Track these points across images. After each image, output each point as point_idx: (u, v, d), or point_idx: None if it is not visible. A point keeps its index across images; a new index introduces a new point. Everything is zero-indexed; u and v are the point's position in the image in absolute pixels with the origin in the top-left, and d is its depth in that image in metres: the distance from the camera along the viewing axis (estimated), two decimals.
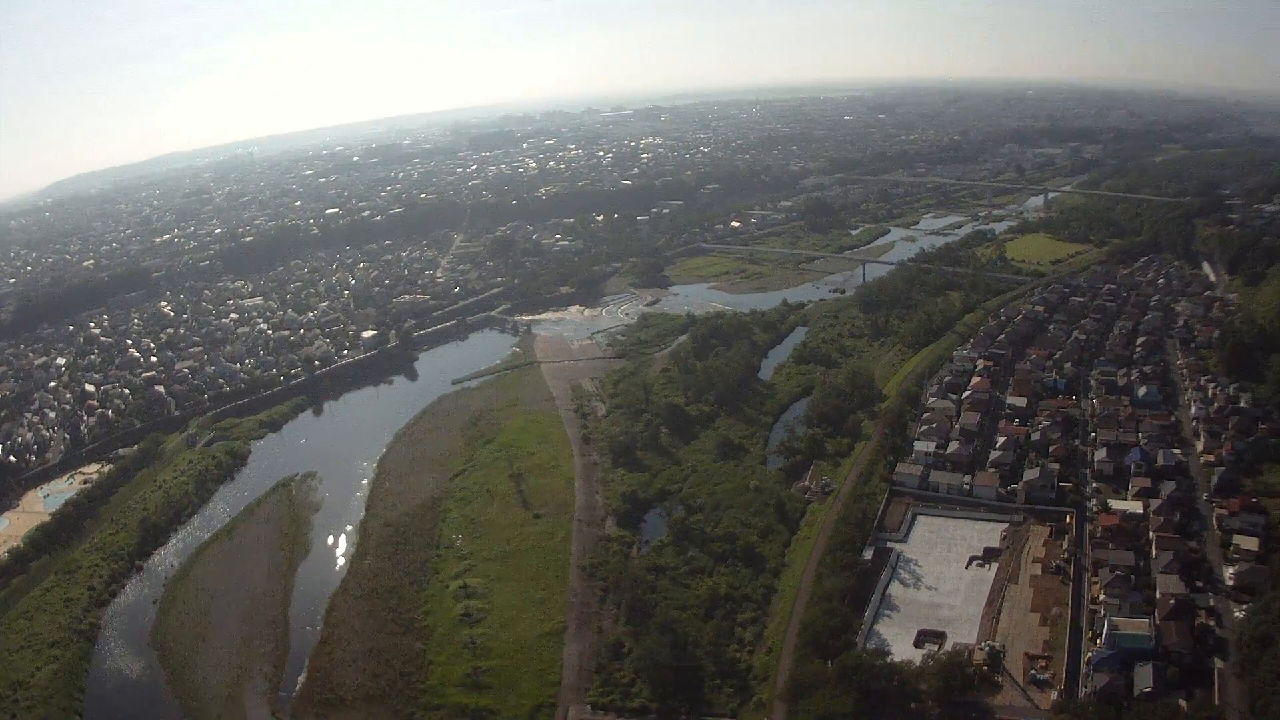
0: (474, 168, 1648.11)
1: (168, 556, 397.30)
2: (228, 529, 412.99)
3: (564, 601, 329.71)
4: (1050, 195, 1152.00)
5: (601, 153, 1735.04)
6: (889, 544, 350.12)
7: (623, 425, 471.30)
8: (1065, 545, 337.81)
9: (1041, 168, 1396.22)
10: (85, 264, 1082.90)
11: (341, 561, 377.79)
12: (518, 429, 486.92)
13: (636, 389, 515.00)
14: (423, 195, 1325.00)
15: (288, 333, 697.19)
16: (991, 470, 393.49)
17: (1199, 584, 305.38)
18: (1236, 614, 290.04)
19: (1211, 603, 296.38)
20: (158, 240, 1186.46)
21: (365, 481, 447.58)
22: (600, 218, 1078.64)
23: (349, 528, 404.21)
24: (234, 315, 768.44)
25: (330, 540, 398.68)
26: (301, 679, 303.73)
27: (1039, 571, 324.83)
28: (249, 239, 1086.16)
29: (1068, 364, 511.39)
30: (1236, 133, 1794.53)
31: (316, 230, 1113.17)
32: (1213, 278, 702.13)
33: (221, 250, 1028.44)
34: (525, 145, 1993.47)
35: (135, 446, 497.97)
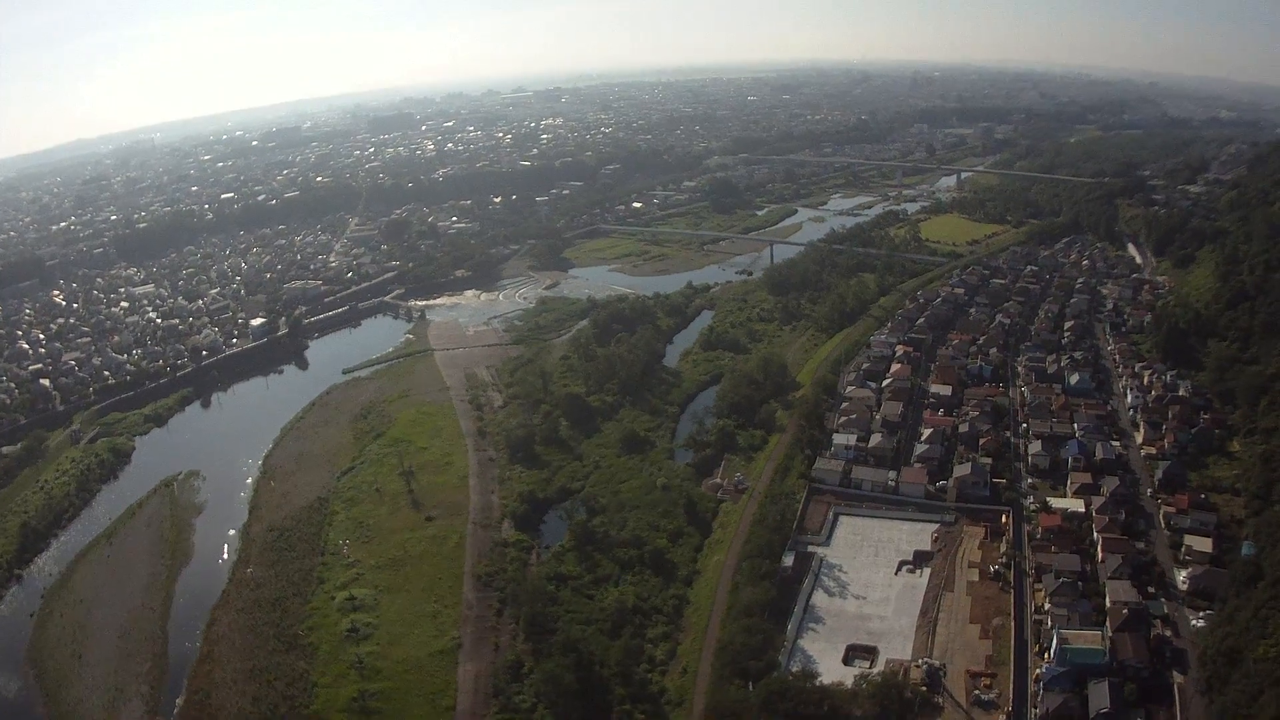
0: (371, 150, 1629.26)
1: (47, 564, 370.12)
2: (108, 533, 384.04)
3: (458, 615, 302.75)
4: (963, 175, 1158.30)
5: (501, 134, 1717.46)
6: (810, 548, 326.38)
7: (520, 417, 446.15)
8: (1003, 548, 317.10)
9: (953, 148, 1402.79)
10: None
11: (224, 569, 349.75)
12: (409, 422, 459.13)
13: (535, 378, 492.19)
14: (319, 179, 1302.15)
15: (176, 321, 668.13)
16: (918, 465, 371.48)
17: (1151, 590, 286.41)
18: (1194, 622, 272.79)
19: (1166, 610, 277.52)
20: (54, 228, 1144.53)
21: (250, 481, 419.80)
22: (498, 199, 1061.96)
23: (231, 532, 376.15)
24: (124, 304, 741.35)
25: (212, 545, 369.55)
26: (180, 701, 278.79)
27: (976, 577, 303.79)
28: (143, 225, 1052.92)
29: (993, 349, 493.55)
30: (1152, 114, 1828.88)
31: (211, 215, 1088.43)
32: (1139, 259, 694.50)
33: (116, 237, 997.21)
34: (424, 128, 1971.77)
35: (19, 444, 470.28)
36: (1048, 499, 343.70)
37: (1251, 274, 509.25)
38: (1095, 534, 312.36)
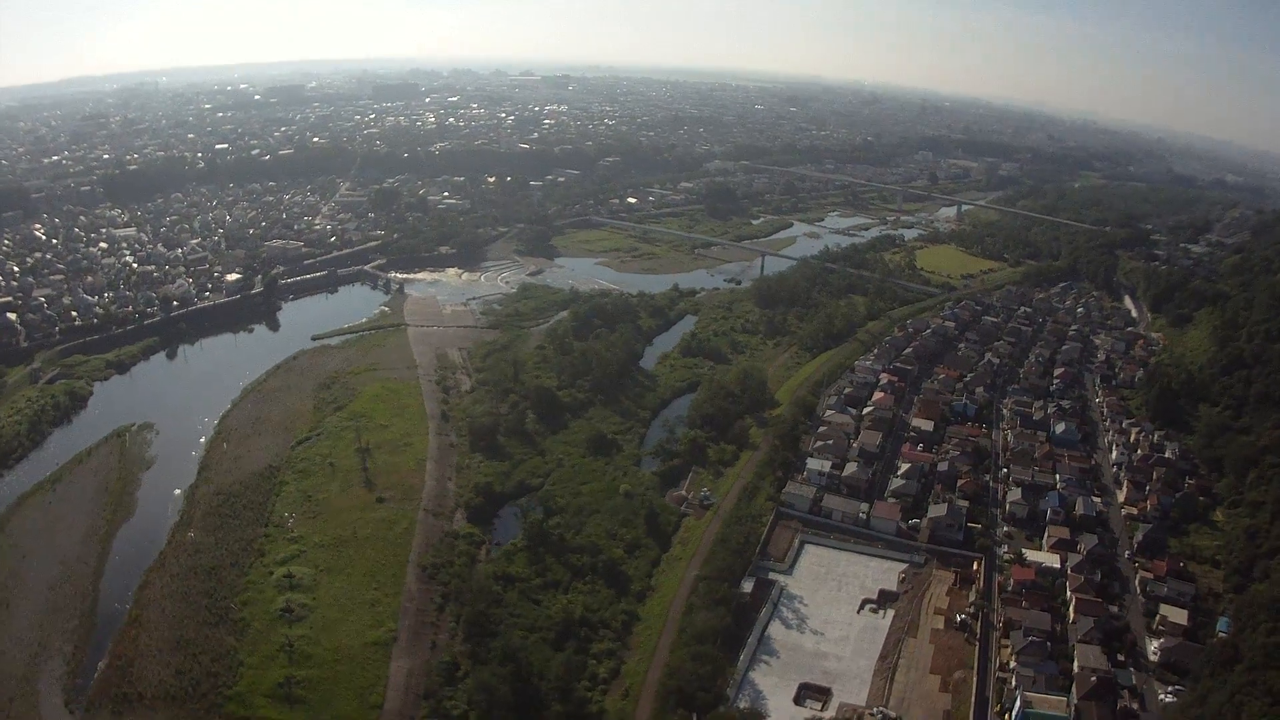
0: (372, 117, 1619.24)
1: None
2: (53, 479, 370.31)
3: (397, 606, 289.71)
4: (964, 207, 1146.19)
5: (504, 114, 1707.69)
6: (772, 575, 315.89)
7: (487, 404, 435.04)
8: (972, 596, 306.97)
9: (955, 179, 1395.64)
10: None
11: (165, 530, 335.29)
12: (373, 396, 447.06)
13: (506, 365, 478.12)
14: (315, 139, 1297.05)
15: (153, 268, 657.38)
16: (892, 500, 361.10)
17: (1121, 657, 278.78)
18: (1162, 697, 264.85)
19: (1135, 681, 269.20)
20: (46, 161, 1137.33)
21: (203, 440, 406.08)
22: (492, 179, 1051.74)
23: (177, 491, 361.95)
24: (103, 244, 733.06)
25: (157, 503, 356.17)
26: (102, 665, 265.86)
27: (941, 625, 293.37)
28: (134, 168, 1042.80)
29: (979, 388, 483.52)
30: (1157, 169, 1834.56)
31: (203, 165, 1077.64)
32: (1134, 313, 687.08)
33: (105, 176, 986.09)
34: (428, 100, 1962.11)
35: None
36: (1023, 550, 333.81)
37: (1250, 342, 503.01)
38: (1069, 593, 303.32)
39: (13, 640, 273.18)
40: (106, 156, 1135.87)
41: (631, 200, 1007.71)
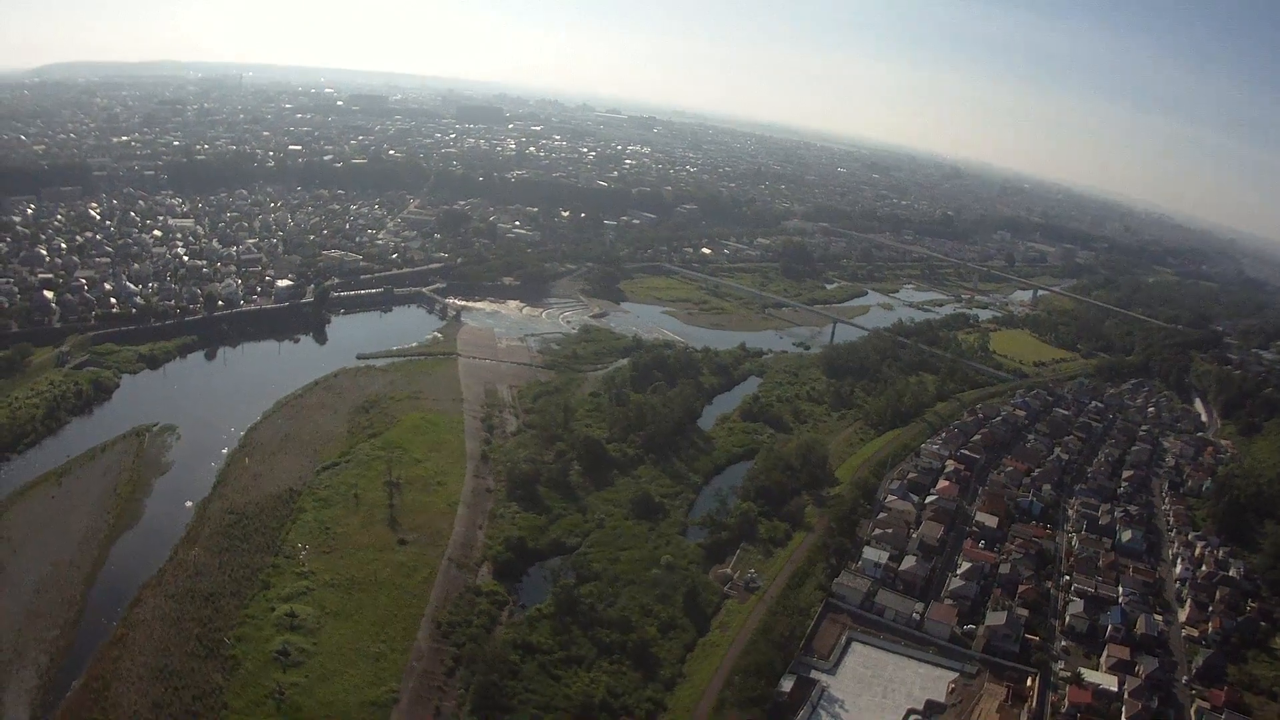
0: (453, 136, 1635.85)
1: None
2: (60, 471, 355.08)
3: (404, 664, 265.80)
4: (1039, 292, 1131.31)
5: (585, 149, 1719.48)
6: (814, 673, 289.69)
7: (531, 450, 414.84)
8: (1023, 717, 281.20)
9: (1032, 262, 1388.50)
10: (36, 148, 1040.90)
11: (168, 544, 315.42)
12: (411, 427, 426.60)
13: (557, 410, 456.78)
14: (391, 151, 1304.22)
15: (203, 264, 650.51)
16: (949, 602, 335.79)
17: None
18: None
19: None
20: (115, 140, 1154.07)
21: (225, 451, 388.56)
22: (566, 214, 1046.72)
23: (189, 503, 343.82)
24: (157, 232, 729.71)
25: (165, 513, 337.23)
26: (77, 684, 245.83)
27: None
28: (202, 158, 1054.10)
29: (1047, 485, 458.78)
30: (1229, 269, 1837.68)
31: (273, 164, 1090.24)
32: (1204, 417, 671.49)
33: (171, 163, 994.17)
34: (511, 126, 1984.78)
35: (0, 353, 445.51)
36: (1080, 669, 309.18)
37: None
38: None
39: None
40: (176, 143, 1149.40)
41: (706, 251, 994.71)
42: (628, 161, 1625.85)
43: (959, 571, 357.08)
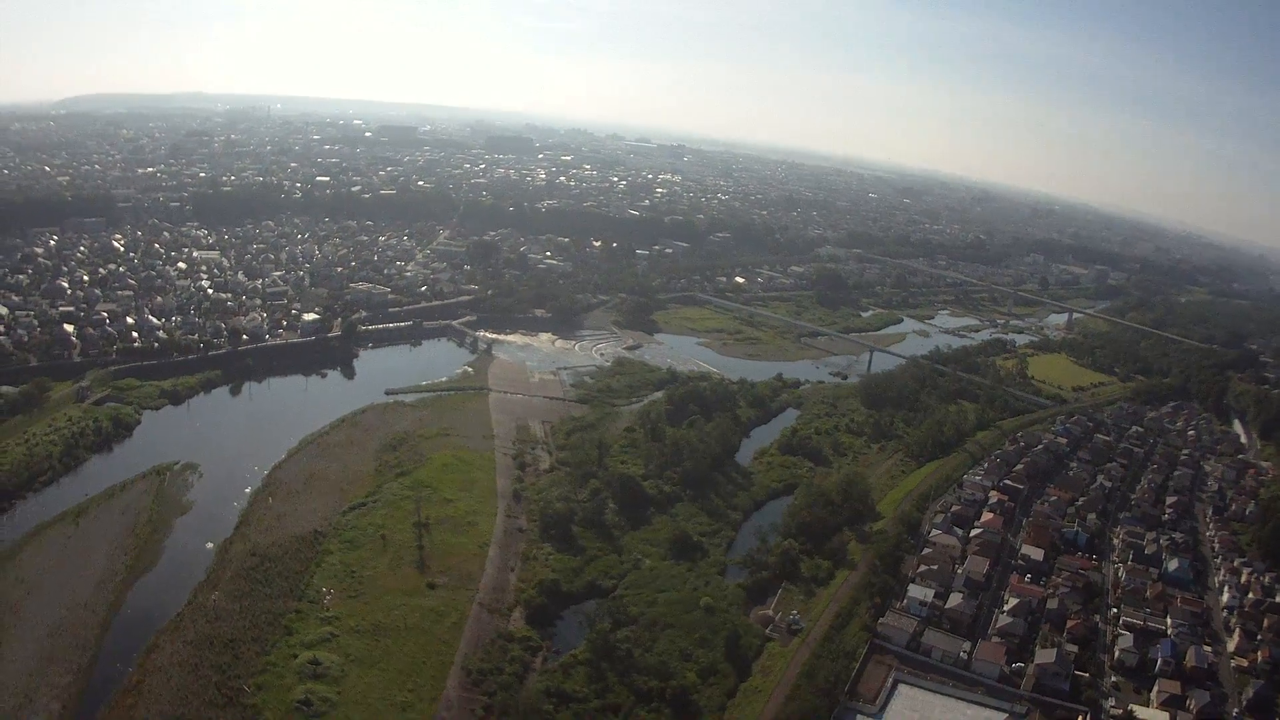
0: (482, 167, 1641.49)
1: (2, 528, 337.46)
2: (77, 511, 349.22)
3: (432, 714, 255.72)
4: (1074, 315, 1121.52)
5: (616, 178, 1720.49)
6: (860, 718, 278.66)
7: (565, 488, 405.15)
8: None
9: (1066, 285, 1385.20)
10: (60, 179, 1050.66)
11: (187, 587, 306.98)
12: (441, 465, 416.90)
13: (591, 446, 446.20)
14: (420, 182, 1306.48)
15: (228, 296, 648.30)
16: (997, 640, 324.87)
17: None
18: None
19: None
20: (140, 171, 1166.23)
21: (248, 490, 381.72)
22: (598, 244, 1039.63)
23: (210, 545, 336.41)
24: (181, 264, 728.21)
25: (184, 555, 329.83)
26: None
27: None
28: (228, 189, 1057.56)
29: (1091, 514, 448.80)
30: (1260, 286, 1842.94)
31: (300, 195, 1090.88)
32: (1244, 439, 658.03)
33: (196, 194, 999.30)
34: (540, 156, 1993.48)
35: (19, 387, 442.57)
36: (1132, 706, 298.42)
37: None
38: None
39: None
40: (203, 175, 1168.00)
41: (740, 280, 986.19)
42: (659, 190, 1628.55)
43: (1006, 608, 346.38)
